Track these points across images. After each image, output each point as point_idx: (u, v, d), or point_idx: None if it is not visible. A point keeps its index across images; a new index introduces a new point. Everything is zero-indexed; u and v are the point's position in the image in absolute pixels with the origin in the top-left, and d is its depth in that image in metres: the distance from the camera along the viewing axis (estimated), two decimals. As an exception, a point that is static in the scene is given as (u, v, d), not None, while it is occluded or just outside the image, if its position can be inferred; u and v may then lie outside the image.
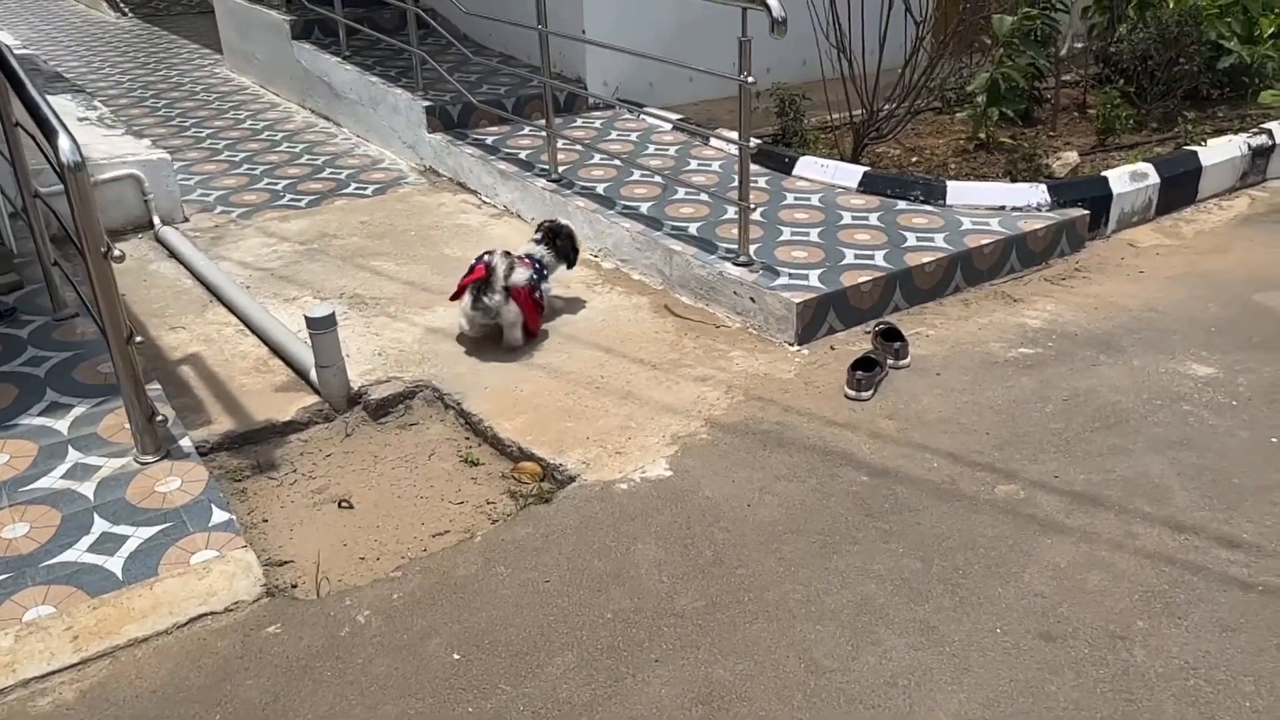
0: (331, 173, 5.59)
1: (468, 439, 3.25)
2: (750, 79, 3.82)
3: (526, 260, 3.82)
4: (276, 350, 3.55)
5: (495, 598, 2.47)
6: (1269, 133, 5.31)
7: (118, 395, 2.82)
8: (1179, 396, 3.41)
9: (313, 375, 3.30)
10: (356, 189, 5.34)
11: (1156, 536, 2.73)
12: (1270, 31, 5.70)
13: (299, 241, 4.60)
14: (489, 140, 5.51)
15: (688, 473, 3.00)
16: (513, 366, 3.58)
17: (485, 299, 3.55)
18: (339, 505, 2.89)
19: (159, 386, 3.14)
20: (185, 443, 2.85)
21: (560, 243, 3.99)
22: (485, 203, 5.19)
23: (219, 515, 2.58)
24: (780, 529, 2.76)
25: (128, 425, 2.76)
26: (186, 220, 4.78)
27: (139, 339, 2.57)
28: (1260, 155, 5.28)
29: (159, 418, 2.75)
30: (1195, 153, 5.06)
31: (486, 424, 3.22)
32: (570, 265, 4.06)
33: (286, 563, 2.63)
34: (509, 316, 3.62)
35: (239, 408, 3.24)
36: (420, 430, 3.30)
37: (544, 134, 4.96)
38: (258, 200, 5.12)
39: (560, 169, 5.02)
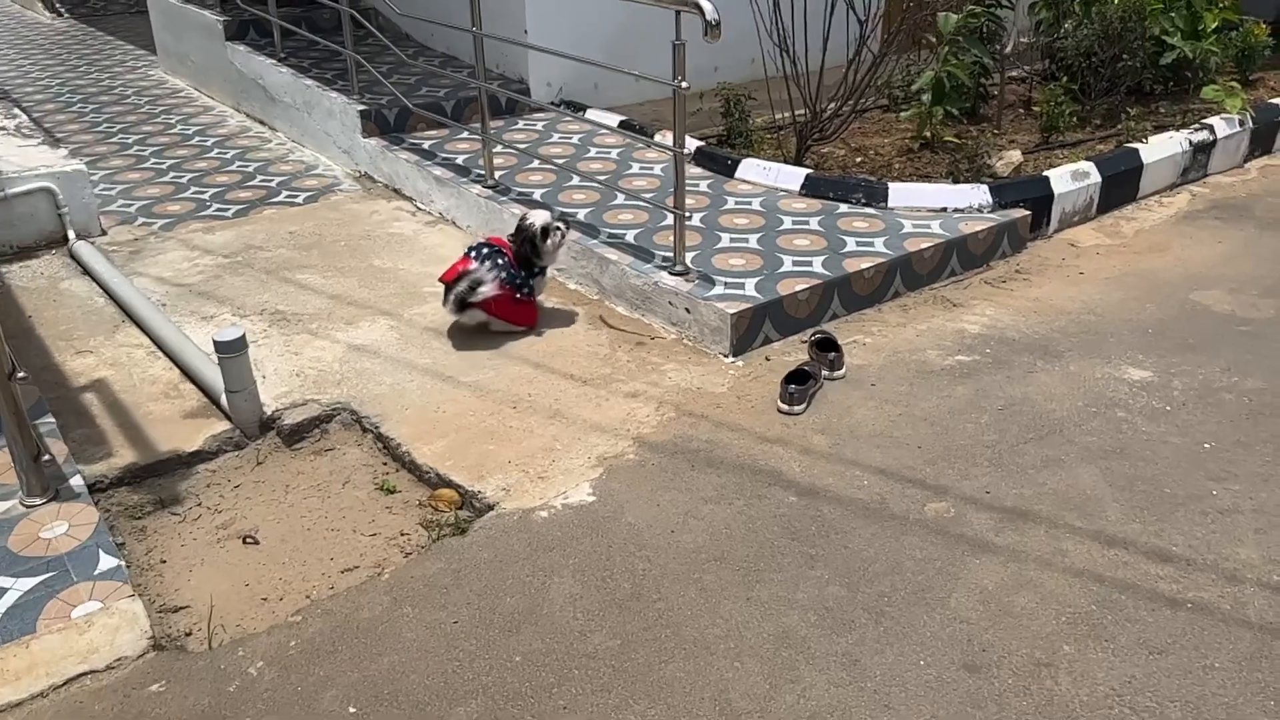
0: (262, 180, 5.43)
1: (385, 465, 3.14)
2: (685, 84, 3.73)
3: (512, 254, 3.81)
4: (188, 373, 3.42)
5: (399, 642, 2.36)
6: (1210, 128, 5.29)
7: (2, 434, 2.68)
8: (1114, 403, 3.36)
9: (223, 401, 3.17)
10: (287, 197, 5.19)
11: (1086, 553, 2.67)
12: (1213, 26, 5.68)
13: (222, 254, 4.45)
14: (426, 145, 5.38)
15: (612, 497, 2.90)
16: (437, 385, 3.46)
17: (446, 305, 3.72)
18: (244, 541, 2.77)
19: (53, 420, 2.99)
20: (76, 481, 2.71)
21: (520, 244, 3.84)
22: (420, 210, 5.06)
23: (106, 562, 2.45)
24: (703, 556, 2.67)
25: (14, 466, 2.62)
26: (104, 234, 4.61)
27: (22, 374, 2.42)
28: (1201, 151, 5.26)
29: (45, 457, 2.61)
30: (1137, 150, 5.03)
31: (405, 449, 3.11)
32: (530, 270, 3.86)
33: (182, 608, 2.51)
34: (471, 322, 3.77)
35: (143, 438, 3.10)
36: (336, 456, 3.18)
37: (489, 137, 4.83)
38: (182, 210, 4.95)
39: (498, 174, 4.90)
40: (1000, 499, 2.89)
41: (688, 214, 4.14)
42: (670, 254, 4.00)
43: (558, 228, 3.82)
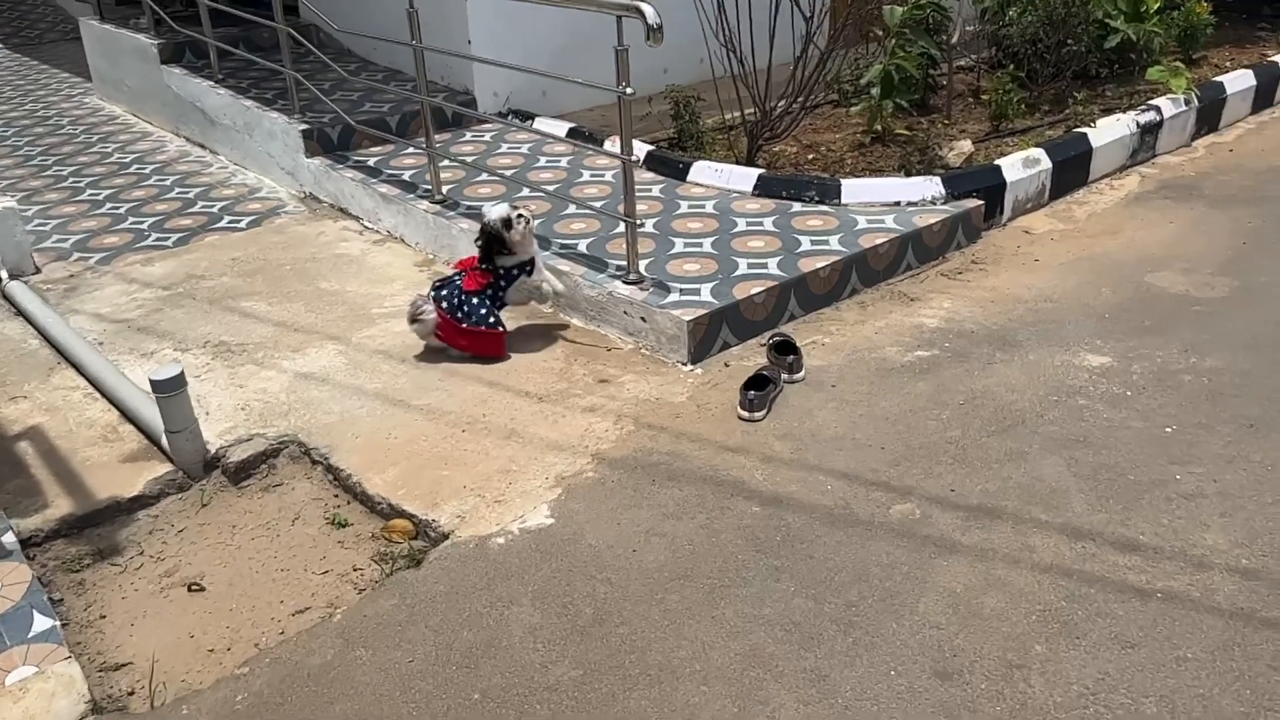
0: (204, 206, 5.29)
1: (337, 497, 3.04)
2: (630, 90, 3.66)
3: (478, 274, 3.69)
4: (127, 415, 3.30)
5: (352, 687, 2.27)
6: (1157, 109, 5.31)
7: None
8: (1074, 391, 3.33)
9: (164, 441, 3.06)
10: (230, 222, 5.06)
11: (1053, 547, 2.63)
12: (1155, 7, 5.70)
13: (162, 286, 4.32)
14: (372, 162, 5.27)
15: (571, 519, 2.82)
16: (388, 410, 3.37)
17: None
18: (189, 589, 2.66)
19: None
20: (8, 539, 2.59)
21: (485, 246, 3.68)
22: (368, 229, 4.96)
23: (41, 623, 2.34)
24: (666, 575, 2.60)
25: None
26: (38, 272, 4.46)
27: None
28: (1149, 132, 5.27)
29: (-29, 515, 2.49)
30: (1085, 134, 5.03)
31: (356, 479, 3.02)
32: (506, 281, 3.72)
33: (124, 665, 2.40)
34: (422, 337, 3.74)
35: (81, 485, 2.98)
36: (284, 492, 3.07)
37: (434, 152, 4.74)
38: (120, 242, 4.81)
39: (446, 189, 4.81)
40: (966, 496, 2.85)
41: (640, 221, 4.08)
42: (624, 262, 3.93)
43: (520, 215, 3.63)
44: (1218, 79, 5.78)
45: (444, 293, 3.65)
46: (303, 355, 3.74)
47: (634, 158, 3.73)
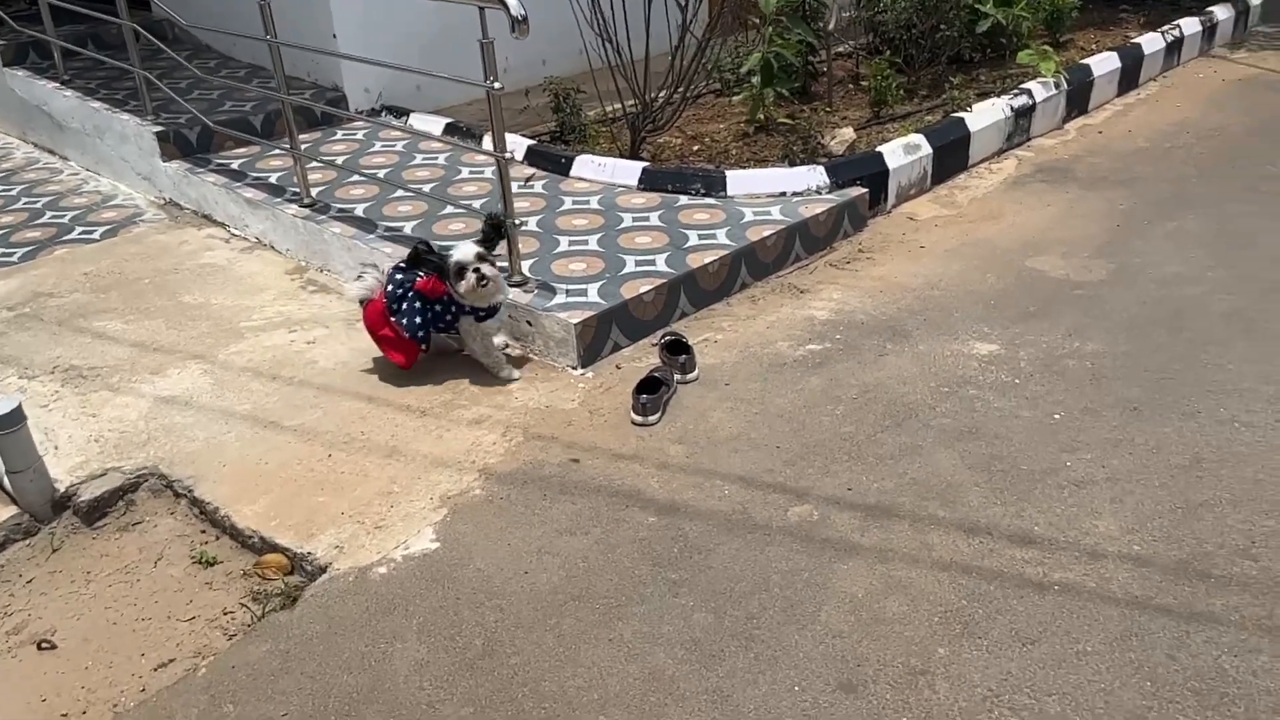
0: (53, 216, 4.91)
1: (204, 533, 2.82)
2: (498, 85, 3.50)
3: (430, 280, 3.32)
4: (-38, 455, 2.99)
5: (219, 749, 2.09)
6: (1029, 93, 5.41)
7: None
8: (964, 380, 3.34)
9: (6, 483, 2.78)
10: (82, 233, 4.70)
11: (951, 544, 2.61)
12: (1023, -9, 5.81)
13: (6, 307, 3.97)
14: (236, 165, 4.97)
15: (458, 541, 2.67)
16: (259, 433, 3.15)
17: None
18: (39, 647, 2.42)
19: None
20: None
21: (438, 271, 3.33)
22: (235, 235, 4.67)
23: None
24: (560, 597, 2.48)
25: None
26: None
27: None
28: (1022, 115, 5.37)
29: None
30: (963, 119, 5.08)
31: (224, 512, 2.80)
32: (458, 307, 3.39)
33: (-43, 743, 2.16)
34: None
35: (-93, 540, 2.69)
36: (145, 531, 2.83)
37: (300, 153, 4.48)
38: (-44, 262, 4.41)
39: (316, 191, 4.56)
40: (863, 495, 2.81)
41: (520, 220, 3.93)
42: (506, 264, 3.78)
43: (475, 269, 3.18)
44: (1085, 61, 5.94)
45: (399, 277, 3.37)
46: (163, 377, 3.48)
47: (507, 155, 3.58)
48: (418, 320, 3.35)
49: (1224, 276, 3.93)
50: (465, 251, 3.24)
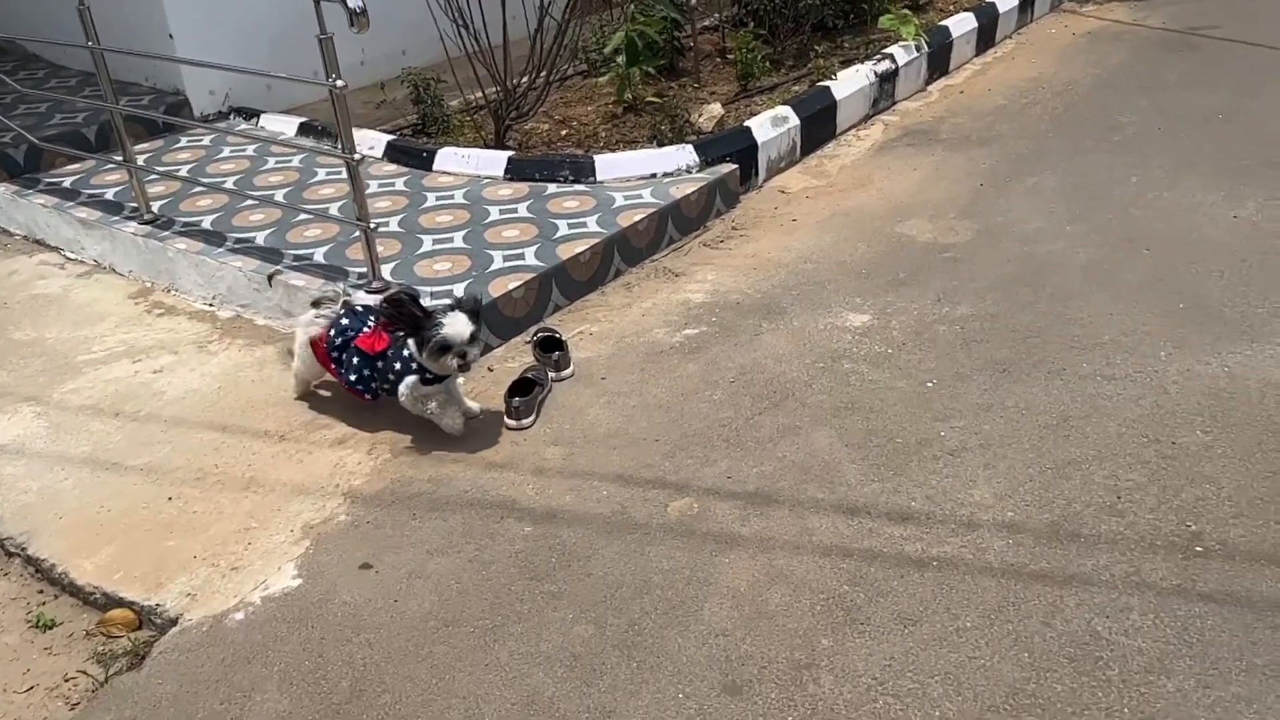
0: None
1: (40, 593, 2.59)
2: (340, 83, 3.32)
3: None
4: None
5: (53, 838, 1.91)
6: (891, 57, 5.42)
7: None
8: (839, 354, 3.31)
9: None
10: (-101, 269, 4.32)
11: (832, 526, 2.57)
12: (880, -44, 5.82)
13: None
14: (67, 183, 4.63)
15: (321, 575, 2.52)
16: (100, 477, 2.92)
17: None
18: None
19: None
20: None
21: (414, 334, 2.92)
22: (71, 260, 4.35)
23: None
24: (433, 624, 2.35)
25: None
26: None
27: None
28: (887, 80, 5.38)
29: None
30: (829, 88, 5.07)
31: (61, 568, 2.58)
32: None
33: None
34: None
35: None
36: (-28, 596, 2.59)
37: (136, 166, 4.18)
38: None
39: (158, 205, 4.29)
40: (743, 483, 2.75)
41: (375, 225, 3.74)
42: (366, 270, 3.60)
43: (462, 352, 2.83)
44: (944, 23, 5.99)
45: (344, 323, 3.03)
46: (-9, 423, 3.20)
47: (357, 156, 3.39)
48: (353, 378, 3.01)
49: (1081, 230, 4.00)
50: (459, 329, 2.81)
